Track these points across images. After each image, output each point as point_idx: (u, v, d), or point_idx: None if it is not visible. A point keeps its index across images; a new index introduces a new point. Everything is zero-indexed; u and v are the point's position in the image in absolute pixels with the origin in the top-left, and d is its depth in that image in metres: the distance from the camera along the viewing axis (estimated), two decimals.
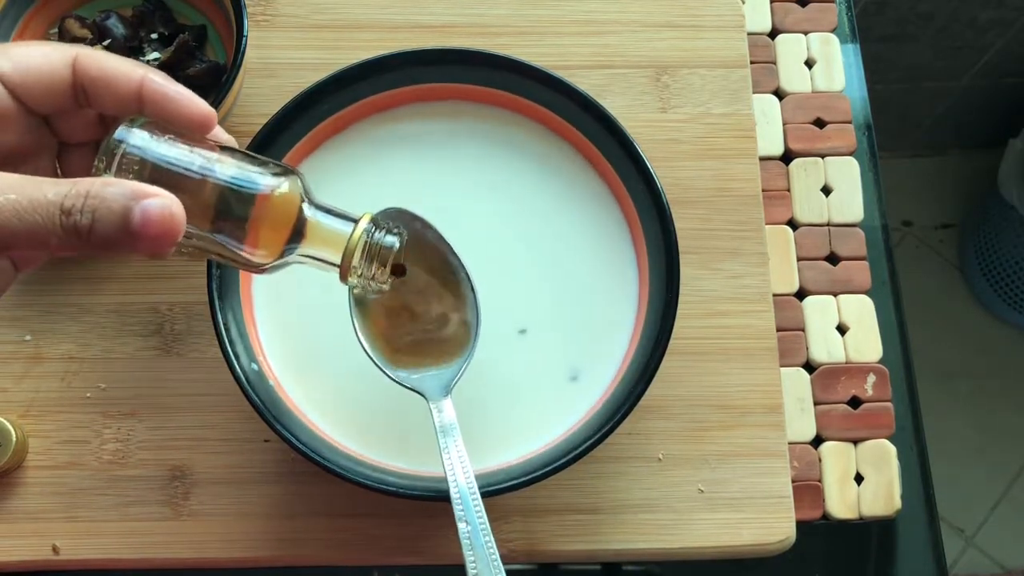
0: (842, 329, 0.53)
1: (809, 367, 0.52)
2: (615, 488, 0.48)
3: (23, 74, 0.32)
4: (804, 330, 0.53)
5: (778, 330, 0.51)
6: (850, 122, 0.57)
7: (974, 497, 1.29)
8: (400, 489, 0.41)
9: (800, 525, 0.48)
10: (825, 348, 0.52)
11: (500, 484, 0.40)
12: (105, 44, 0.52)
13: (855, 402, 0.52)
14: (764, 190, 0.54)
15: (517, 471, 0.42)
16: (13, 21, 0.52)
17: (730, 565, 0.49)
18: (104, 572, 0.48)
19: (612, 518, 0.48)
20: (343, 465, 0.41)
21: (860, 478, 0.50)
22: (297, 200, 0.34)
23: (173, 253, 0.35)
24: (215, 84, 0.52)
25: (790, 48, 0.58)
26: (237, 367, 0.42)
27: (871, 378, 0.52)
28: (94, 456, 0.48)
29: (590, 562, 0.49)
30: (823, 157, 0.56)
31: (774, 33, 0.59)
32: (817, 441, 0.51)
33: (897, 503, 0.50)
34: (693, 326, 0.50)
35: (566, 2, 0.56)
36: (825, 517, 0.50)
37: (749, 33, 0.57)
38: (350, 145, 0.48)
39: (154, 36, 0.53)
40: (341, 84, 0.46)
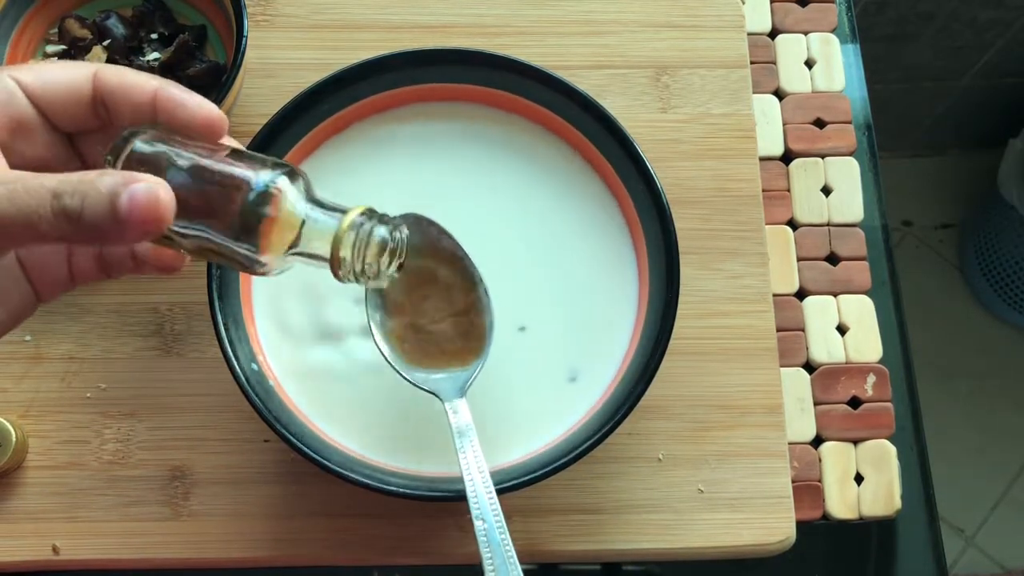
0: (842, 329, 0.53)
1: (809, 367, 0.52)
2: (615, 488, 0.48)
3: (44, 85, 0.32)
4: (804, 330, 0.53)
5: (778, 330, 0.51)
6: (850, 122, 0.57)
7: (974, 497, 1.29)
8: (400, 489, 0.41)
9: (800, 525, 0.48)
10: (825, 348, 0.52)
11: (500, 484, 0.40)
12: (105, 44, 0.52)
13: (855, 402, 0.52)
14: (764, 190, 0.54)
15: (517, 471, 0.42)
16: (13, 21, 0.52)
17: (730, 565, 0.49)
18: (104, 572, 0.48)
19: (612, 518, 0.48)
20: (343, 465, 0.41)
21: (860, 478, 0.50)
22: (302, 201, 0.34)
23: (186, 257, 0.35)
24: (215, 84, 0.52)
25: (790, 48, 0.58)
26: (237, 367, 0.42)
27: (871, 378, 0.52)
28: (94, 456, 0.48)
29: (590, 562, 0.49)
30: (823, 157, 0.56)
31: (774, 33, 0.59)
32: (817, 441, 0.51)
33: (897, 503, 0.50)
34: (693, 326, 0.50)
35: (566, 2, 0.56)
36: (825, 517, 0.50)
37: (749, 33, 0.57)
38: (350, 145, 0.48)
39: (154, 36, 0.53)
40: (341, 84, 0.46)
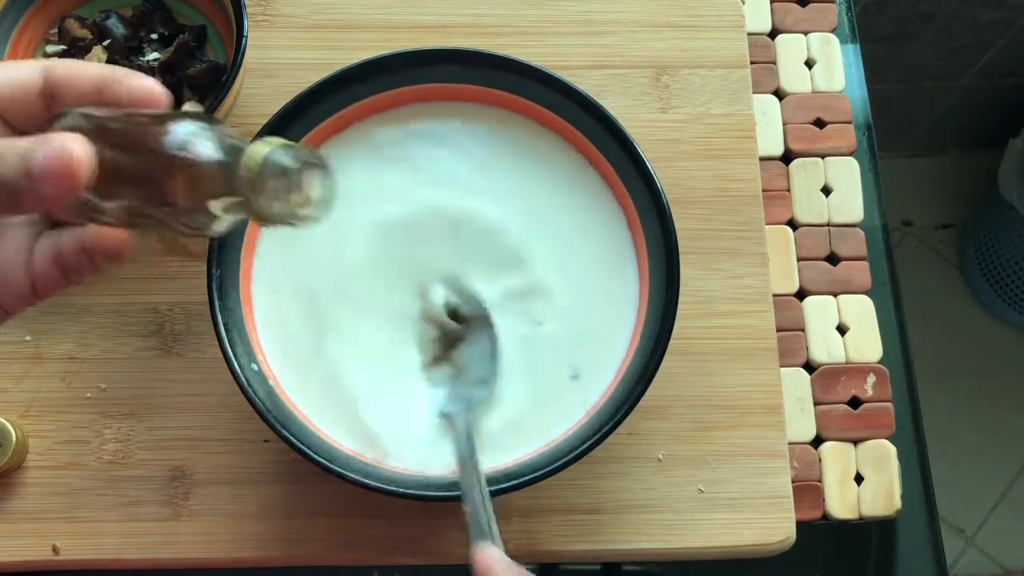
0: (842, 329, 0.53)
1: (809, 367, 0.52)
2: (615, 488, 0.48)
3: None
4: (804, 330, 0.53)
5: (778, 330, 0.51)
6: (850, 122, 0.57)
7: (974, 497, 1.29)
8: (400, 489, 0.41)
9: (800, 525, 0.48)
10: (825, 348, 0.52)
11: (500, 484, 0.40)
12: (105, 44, 0.52)
13: (855, 402, 0.52)
14: (764, 190, 0.54)
15: (517, 471, 0.42)
16: (13, 21, 0.52)
17: (730, 565, 0.49)
18: (104, 572, 0.48)
19: (612, 518, 0.48)
20: (343, 465, 0.41)
21: (860, 478, 0.50)
22: (217, 149, 0.31)
23: (128, 238, 0.34)
24: (215, 84, 0.52)
25: (790, 48, 0.58)
26: (237, 367, 0.42)
27: (871, 378, 0.52)
28: (94, 456, 0.48)
29: (590, 562, 0.49)
30: (823, 157, 0.56)
31: (774, 33, 0.59)
32: (817, 441, 0.51)
33: (897, 503, 0.50)
34: (693, 326, 0.50)
35: (566, 2, 0.56)
36: (825, 517, 0.50)
37: (749, 33, 0.57)
38: (350, 145, 0.48)
39: (154, 36, 0.53)
40: (341, 84, 0.46)
